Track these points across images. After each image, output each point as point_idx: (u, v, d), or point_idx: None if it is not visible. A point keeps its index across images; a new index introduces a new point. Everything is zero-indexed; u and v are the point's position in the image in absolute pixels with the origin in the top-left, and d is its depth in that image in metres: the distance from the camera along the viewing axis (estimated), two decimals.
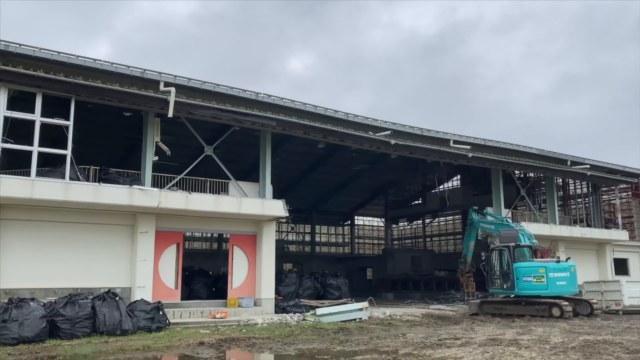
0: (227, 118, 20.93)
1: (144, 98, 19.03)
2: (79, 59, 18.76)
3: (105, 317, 15.26)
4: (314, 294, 25.40)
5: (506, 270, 23.54)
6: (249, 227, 22.88)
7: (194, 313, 20.39)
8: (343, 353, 12.35)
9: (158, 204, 19.20)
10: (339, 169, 39.30)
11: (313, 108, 23.85)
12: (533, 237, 24.86)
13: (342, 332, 16.61)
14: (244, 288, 22.41)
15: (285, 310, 22.33)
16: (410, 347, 13.00)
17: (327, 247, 53.22)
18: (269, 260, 22.71)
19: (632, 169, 35.58)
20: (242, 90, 22.11)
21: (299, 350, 12.85)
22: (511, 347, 12.68)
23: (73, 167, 18.19)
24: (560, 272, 22.51)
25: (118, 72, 19.50)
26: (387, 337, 15.46)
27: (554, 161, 31.65)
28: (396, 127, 26.15)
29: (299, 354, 12.31)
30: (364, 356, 11.65)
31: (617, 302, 25.56)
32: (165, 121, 20.91)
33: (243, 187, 22.78)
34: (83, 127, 24.83)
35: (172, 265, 21.05)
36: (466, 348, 12.67)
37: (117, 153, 29.73)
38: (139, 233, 19.96)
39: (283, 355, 12.33)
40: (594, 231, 32.84)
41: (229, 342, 13.93)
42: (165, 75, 20.36)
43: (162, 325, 16.89)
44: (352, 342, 14.10)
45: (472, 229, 28.37)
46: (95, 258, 19.36)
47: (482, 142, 28.89)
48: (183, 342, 13.86)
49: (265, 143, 23.44)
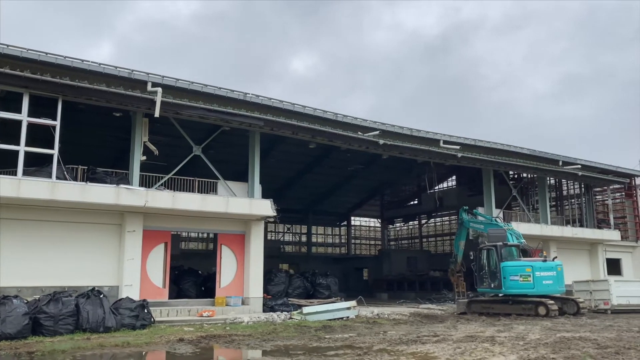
0: (214, 118, 21.11)
1: (131, 98, 19.23)
2: (67, 60, 18.99)
3: (88, 315, 15.44)
4: (304, 293, 25.56)
5: (494, 269, 23.65)
6: (238, 226, 23.07)
7: (182, 311, 20.57)
8: (318, 349, 12.50)
9: (145, 203, 19.39)
10: (334, 169, 39.41)
11: (302, 108, 24.05)
12: (521, 236, 24.97)
13: (325, 330, 16.75)
14: (232, 287, 22.58)
15: (273, 309, 22.49)
16: (385, 343, 13.16)
17: (324, 248, 53.35)
18: (257, 259, 22.90)
19: (625, 169, 35.70)
20: (230, 90, 22.33)
21: (275, 346, 13.01)
22: (485, 343, 12.82)
23: (60, 167, 18.39)
24: (547, 272, 22.63)
25: (106, 72, 19.73)
26: (367, 334, 15.62)
27: (546, 161, 31.77)
28: (385, 127, 26.32)
29: (274, 349, 12.46)
30: (336, 352, 11.81)
31: (605, 302, 25.62)
32: (159, 122, 21.14)
33: (232, 186, 22.95)
34: (76, 127, 25.19)
35: (160, 264, 21.23)
36: (441, 344, 12.82)
37: (111, 153, 29.88)
38: (127, 232, 20.15)
39: (258, 350, 12.49)
40: (585, 231, 32.93)
41: (209, 339, 14.09)
42: (153, 75, 20.58)
43: (147, 323, 17.07)
44: (330, 339, 14.25)
45: (462, 229, 28.51)
46: (83, 257, 19.53)
47: (473, 143, 29.05)
48: (163, 338, 14.03)
49: (254, 143, 23.62)
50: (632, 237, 37.43)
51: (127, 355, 11.53)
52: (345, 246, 54.02)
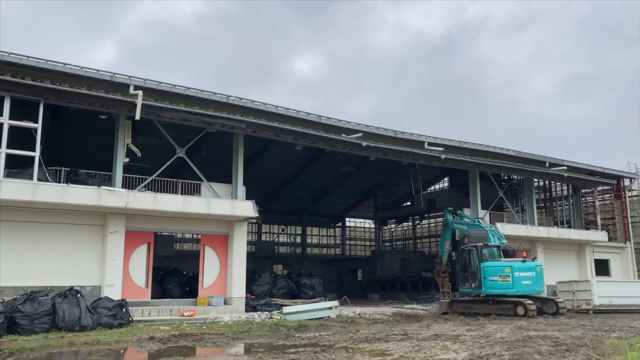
0: (196, 120, 21.41)
1: (112, 101, 19.54)
2: (49, 63, 19.37)
3: (64, 314, 15.75)
4: (288, 294, 25.84)
5: (474, 270, 23.91)
6: (221, 227, 23.35)
7: (163, 311, 20.87)
8: (282, 346, 12.79)
9: (126, 204, 19.71)
10: (327, 171, 39.71)
11: (285, 110, 24.37)
12: (503, 237, 25.21)
13: (299, 329, 17.05)
14: (215, 287, 22.88)
15: (255, 309, 22.78)
16: (350, 341, 13.43)
17: (319, 249, 53.60)
18: (240, 260, 23.17)
19: (612, 170, 35.91)
20: (212, 93, 22.66)
21: (243, 344, 13.30)
22: (447, 342, 13.08)
23: (42, 168, 18.71)
24: (526, 272, 22.87)
25: (88, 75, 20.10)
26: (339, 333, 15.90)
27: (533, 163, 32.00)
28: (369, 129, 26.62)
29: (232, 346, 12.76)
30: (297, 349, 12.09)
31: (587, 302, 25.87)
32: (148, 124, 21.49)
33: (215, 188, 23.24)
34: (67, 128, 25.63)
35: (143, 265, 21.54)
36: (403, 342, 13.09)
37: (100, 154, 30.21)
38: (109, 233, 20.47)
39: (222, 348, 12.78)
40: (572, 232, 33.12)
41: (180, 337, 14.39)
42: (135, 78, 20.94)
43: (125, 322, 17.37)
44: (299, 338, 14.54)
45: (447, 230, 28.75)
46: (66, 257, 19.83)
47: (458, 144, 29.32)
48: (135, 337, 14.33)
49: (238, 145, 23.90)
50: (620, 238, 37.59)
51: (91, 352, 11.82)
52: (340, 247, 54.29)
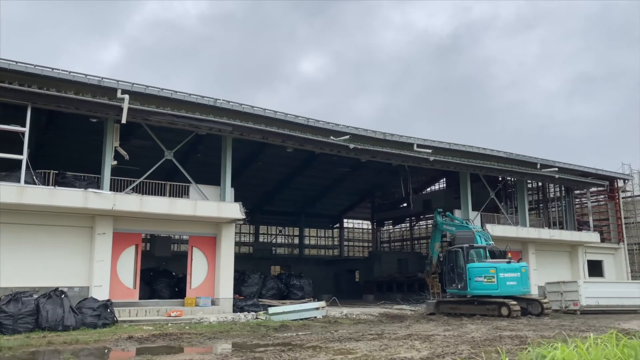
0: (183, 124, 21.73)
1: (99, 105, 19.90)
2: (37, 68, 19.80)
3: (48, 314, 16.11)
4: (277, 294, 26.15)
5: (460, 271, 24.11)
6: (209, 229, 23.66)
7: (151, 311, 21.21)
8: (253, 346, 13.07)
9: (112, 206, 20.06)
10: (323, 172, 39.97)
11: (273, 113, 24.69)
12: (490, 238, 25.42)
13: (279, 329, 17.34)
14: (203, 288, 23.19)
15: (243, 310, 23.08)
16: (322, 341, 13.70)
17: (317, 250, 53.89)
18: (227, 261, 23.46)
19: (605, 171, 36.04)
20: (200, 96, 23.02)
21: (217, 343, 13.60)
22: (417, 341, 13.31)
23: (29, 171, 19.11)
24: (511, 273, 23.05)
25: (76, 80, 20.55)
26: (317, 332, 16.17)
27: (524, 164, 32.20)
28: (358, 131, 26.91)
29: (205, 345, 13.06)
30: (267, 348, 12.37)
31: (575, 302, 26.03)
32: (141, 127, 21.82)
33: (204, 190, 23.56)
34: (63, 132, 26.00)
35: (131, 266, 21.88)
36: (373, 342, 13.34)
37: (94, 157, 30.58)
38: (97, 234, 20.83)
39: (195, 347, 13.08)
40: (563, 233, 33.27)
41: (158, 337, 14.69)
42: (123, 82, 21.34)
43: (109, 322, 17.72)
44: (275, 337, 14.82)
45: (437, 231, 28.98)
46: (55, 258, 20.21)
47: (447, 146, 29.56)
48: (114, 337, 14.66)
49: (226, 148, 24.20)
50: (614, 239, 37.69)
51: (63, 351, 12.13)
52: (338, 248, 54.56)
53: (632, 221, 38.86)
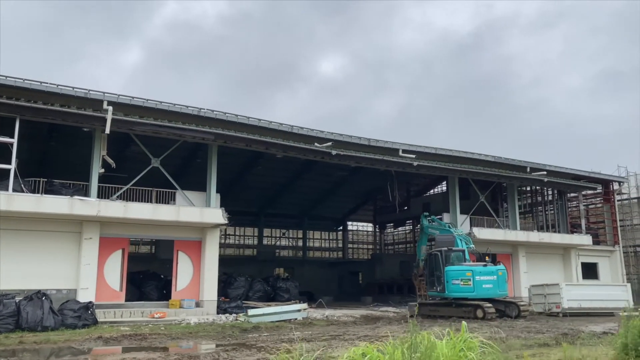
0: (166, 133, 22.65)
1: (84, 117, 20.94)
2: (25, 82, 20.82)
3: (28, 315, 17.12)
4: (264, 296, 26.96)
5: (439, 273, 24.65)
6: (194, 233, 24.55)
7: (135, 313, 22.15)
8: (210, 346, 13.88)
9: (97, 212, 21.05)
10: (322, 176, 40.65)
11: (257, 121, 25.47)
12: (471, 242, 25.92)
13: (249, 330, 18.13)
14: (188, 290, 24.09)
15: (226, 311, 23.90)
16: (275, 342, 14.43)
17: (320, 252, 54.58)
18: (212, 264, 24.32)
19: (598, 174, 36.17)
20: (184, 106, 23.90)
21: (174, 343, 14.45)
22: (363, 342, 13.95)
23: (18, 180, 20.19)
24: (487, 276, 23.53)
25: (63, 93, 21.51)
26: (284, 334, 16.91)
27: (513, 168, 32.53)
28: (343, 137, 27.56)
29: (163, 346, 13.90)
30: (217, 348, 13.16)
31: (557, 305, 26.35)
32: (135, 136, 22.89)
33: (190, 196, 24.48)
34: (66, 140, 27.06)
35: (118, 269, 22.86)
36: (323, 342, 14.04)
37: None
38: (84, 239, 21.85)
39: (155, 346, 13.94)
40: (553, 236, 33.52)
41: (127, 337, 15.59)
42: (109, 94, 22.29)
43: (90, 322, 18.68)
44: (236, 338, 15.62)
45: (423, 235, 29.56)
46: (44, 262, 21.23)
47: (433, 151, 30.05)
48: (85, 337, 15.59)
49: (212, 155, 25.08)
50: (610, 241, 37.78)
51: (28, 350, 13.07)
52: (342, 251, 55.19)
53: (629, 224, 38.86)
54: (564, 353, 8.83)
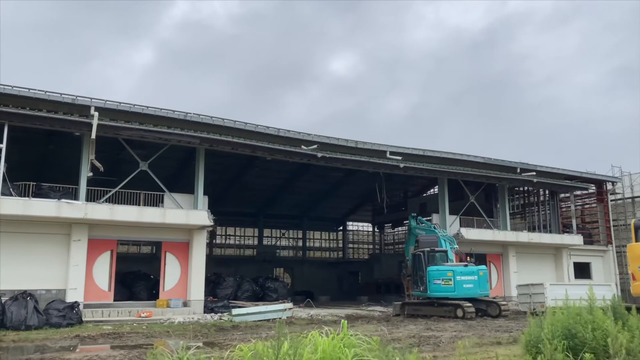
0: (152, 137, 23.26)
1: (71, 122, 21.61)
2: (14, 89, 21.50)
3: (12, 315, 17.79)
4: (253, 296, 27.50)
5: (421, 273, 25.05)
6: (181, 235, 25.13)
7: (123, 312, 22.79)
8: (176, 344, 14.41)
9: (84, 215, 21.69)
10: (319, 177, 40.94)
11: (243, 125, 26.00)
12: (455, 242, 26.28)
13: (226, 330, 18.66)
14: (175, 290, 24.69)
15: (213, 311, 24.47)
16: (243, 341, 14.92)
17: (320, 252, 55.06)
18: (199, 265, 24.90)
19: (591, 174, 36.31)
20: (170, 110, 24.50)
21: (143, 341, 15.02)
22: None
23: (6, 184, 20.88)
24: (468, 276, 23.89)
25: (51, 99, 22.19)
26: (256, 333, 17.42)
27: (503, 169, 32.82)
28: (330, 140, 28.00)
29: (131, 344, 14.48)
30: (178, 347, 13.67)
31: (541, 304, 26.62)
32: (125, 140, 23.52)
33: (178, 198, 25.07)
34: (63, 144, 27.68)
35: (107, 270, 23.51)
36: None
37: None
38: (72, 241, 22.51)
39: (131, 345, 14.51)
40: (543, 236, 33.73)
41: (103, 336, 16.17)
42: (96, 100, 22.93)
43: (74, 322, 19.31)
44: (207, 336, 16.15)
45: (411, 235, 29.88)
46: (34, 263, 21.90)
47: (421, 152, 30.42)
48: (65, 335, 16.21)
49: (200, 158, 25.65)
50: (603, 241, 37.90)
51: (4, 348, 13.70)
52: (342, 251, 55.64)
53: (622, 224, 38.92)
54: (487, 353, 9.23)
